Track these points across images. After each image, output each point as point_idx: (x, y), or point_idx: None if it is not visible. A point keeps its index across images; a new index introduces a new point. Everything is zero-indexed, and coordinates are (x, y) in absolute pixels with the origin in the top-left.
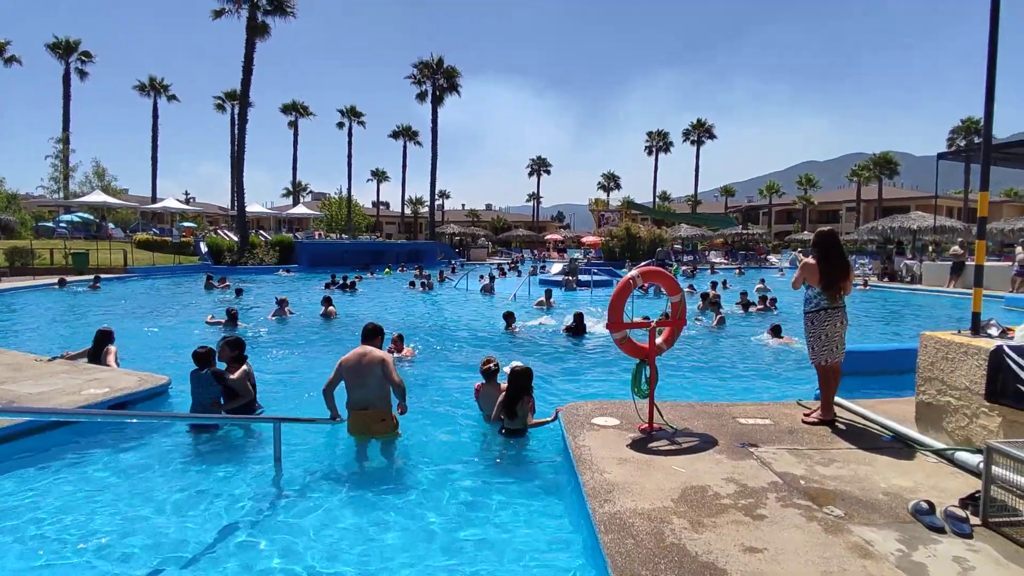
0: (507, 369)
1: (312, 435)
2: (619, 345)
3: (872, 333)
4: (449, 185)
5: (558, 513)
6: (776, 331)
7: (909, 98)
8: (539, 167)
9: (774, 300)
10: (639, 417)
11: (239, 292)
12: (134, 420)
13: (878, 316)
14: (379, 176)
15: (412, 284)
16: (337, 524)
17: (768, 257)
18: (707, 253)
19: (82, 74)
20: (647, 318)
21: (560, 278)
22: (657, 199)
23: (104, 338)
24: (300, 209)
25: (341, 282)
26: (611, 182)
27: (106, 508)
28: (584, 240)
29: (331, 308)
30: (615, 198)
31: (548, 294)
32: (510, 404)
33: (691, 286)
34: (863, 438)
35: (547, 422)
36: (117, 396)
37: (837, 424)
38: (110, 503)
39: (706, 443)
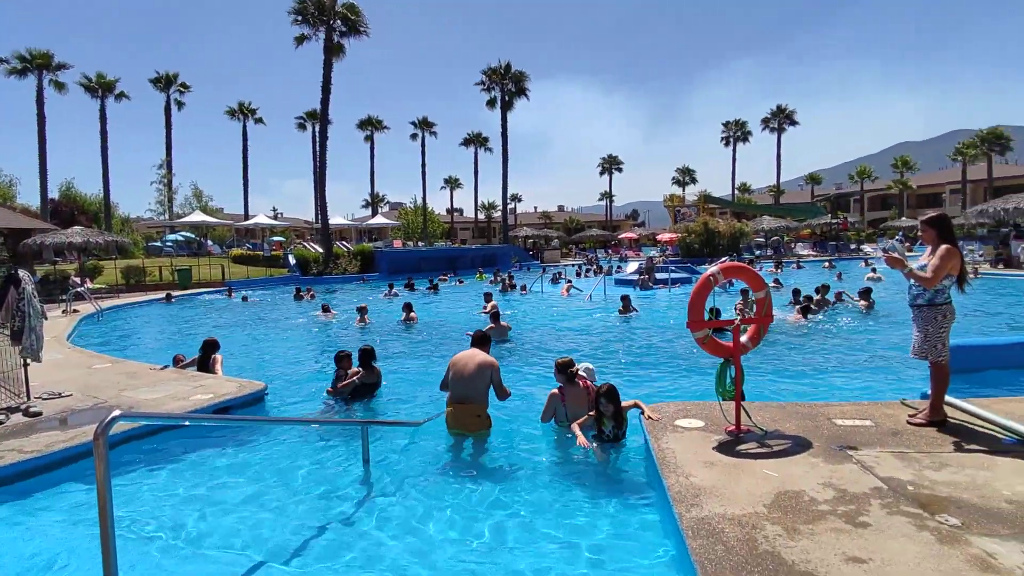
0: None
1: (406, 436)
2: (701, 344)
3: (988, 325)
4: (521, 189)
5: (641, 517)
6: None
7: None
8: (611, 165)
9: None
10: (725, 419)
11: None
12: (235, 423)
13: (994, 307)
14: (452, 183)
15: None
16: (417, 521)
17: (861, 247)
18: (793, 245)
19: (180, 104)
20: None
21: (635, 277)
22: (736, 191)
23: (210, 347)
24: (379, 219)
25: (406, 282)
26: (686, 176)
27: (212, 502)
28: (660, 237)
29: (412, 314)
30: (691, 193)
31: (626, 300)
32: (617, 418)
33: (776, 280)
34: (980, 440)
35: (630, 406)
36: (220, 401)
37: (948, 425)
38: (216, 498)
39: (799, 446)
